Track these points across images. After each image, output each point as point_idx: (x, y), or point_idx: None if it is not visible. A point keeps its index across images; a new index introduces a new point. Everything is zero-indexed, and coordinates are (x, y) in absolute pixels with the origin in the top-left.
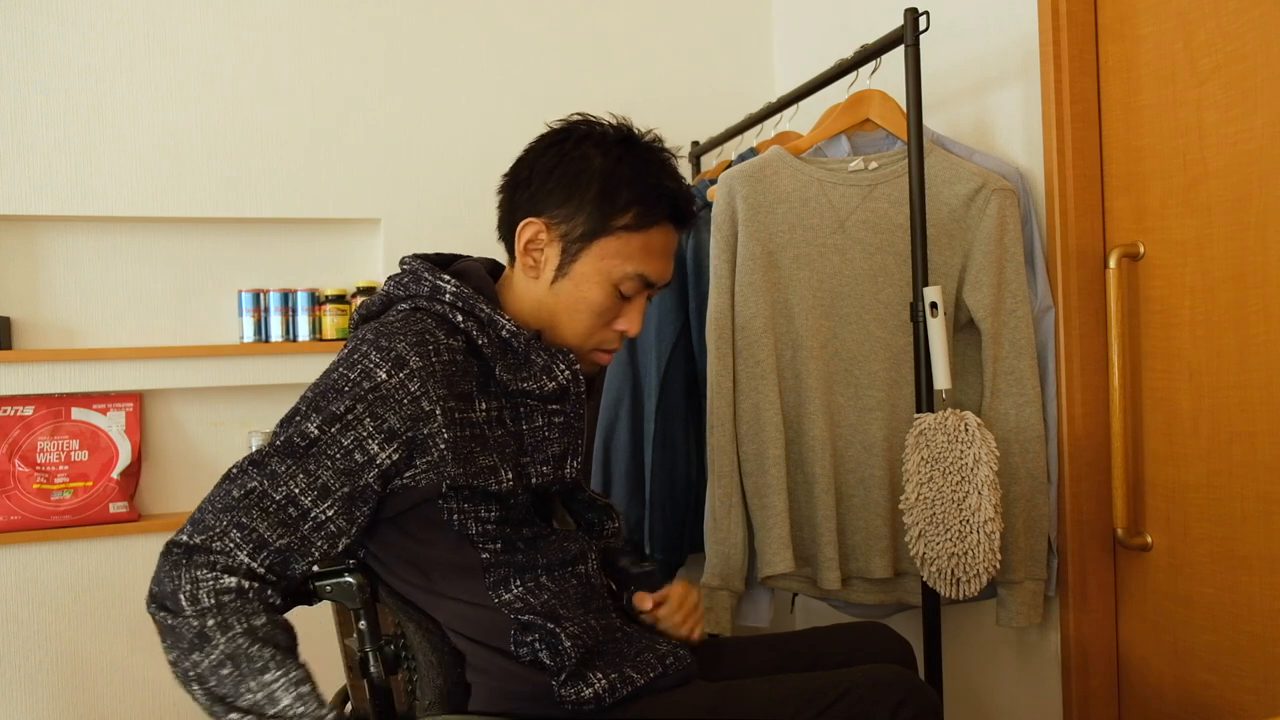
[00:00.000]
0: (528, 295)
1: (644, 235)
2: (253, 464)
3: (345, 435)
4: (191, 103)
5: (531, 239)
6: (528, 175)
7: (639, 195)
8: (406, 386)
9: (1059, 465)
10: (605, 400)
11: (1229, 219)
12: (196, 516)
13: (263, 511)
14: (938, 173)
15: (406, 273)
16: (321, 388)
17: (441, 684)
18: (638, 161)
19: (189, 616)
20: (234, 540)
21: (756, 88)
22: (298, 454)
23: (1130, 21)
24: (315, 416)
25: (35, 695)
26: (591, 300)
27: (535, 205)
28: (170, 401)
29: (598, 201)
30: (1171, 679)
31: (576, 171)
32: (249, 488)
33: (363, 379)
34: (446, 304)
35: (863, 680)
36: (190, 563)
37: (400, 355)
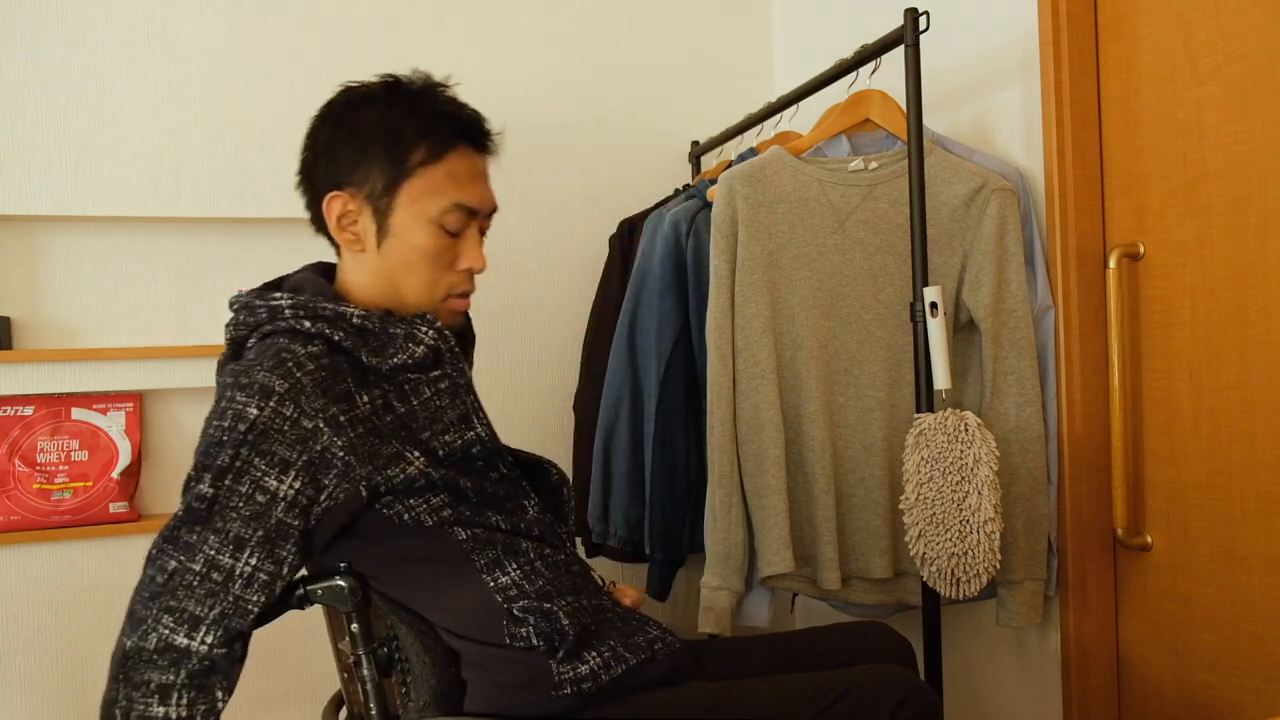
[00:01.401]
0: (362, 272)
1: (444, 164)
2: (166, 541)
3: (240, 483)
4: (191, 103)
5: (341, 213)
6: (312, 156)
7: (423, 128)
8: (281, 413)
9: (1059, 465)
10: (605, 400)
11: (1229, 219)
12: (130, 609)
13: (187, 589)
14: (938, 173)
15: (239, 309)
16: (203, 447)
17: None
18: (412, 99)
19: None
20: (167, 627)
21: (756, 88)
22: (201, 518)
23: (1130, 21)
24: (205, 476)
25: (35, 695)
26: (422, 247)
27: (331, 180)
28: (170, 401)
29: (386, 150)
30: (1171, 679)
31: (356, 131)
32: (170, 569)
33: (237, 423)
34: (288, 319)
35: (863, 680)
36: (126, 678)
37: (264, 385)
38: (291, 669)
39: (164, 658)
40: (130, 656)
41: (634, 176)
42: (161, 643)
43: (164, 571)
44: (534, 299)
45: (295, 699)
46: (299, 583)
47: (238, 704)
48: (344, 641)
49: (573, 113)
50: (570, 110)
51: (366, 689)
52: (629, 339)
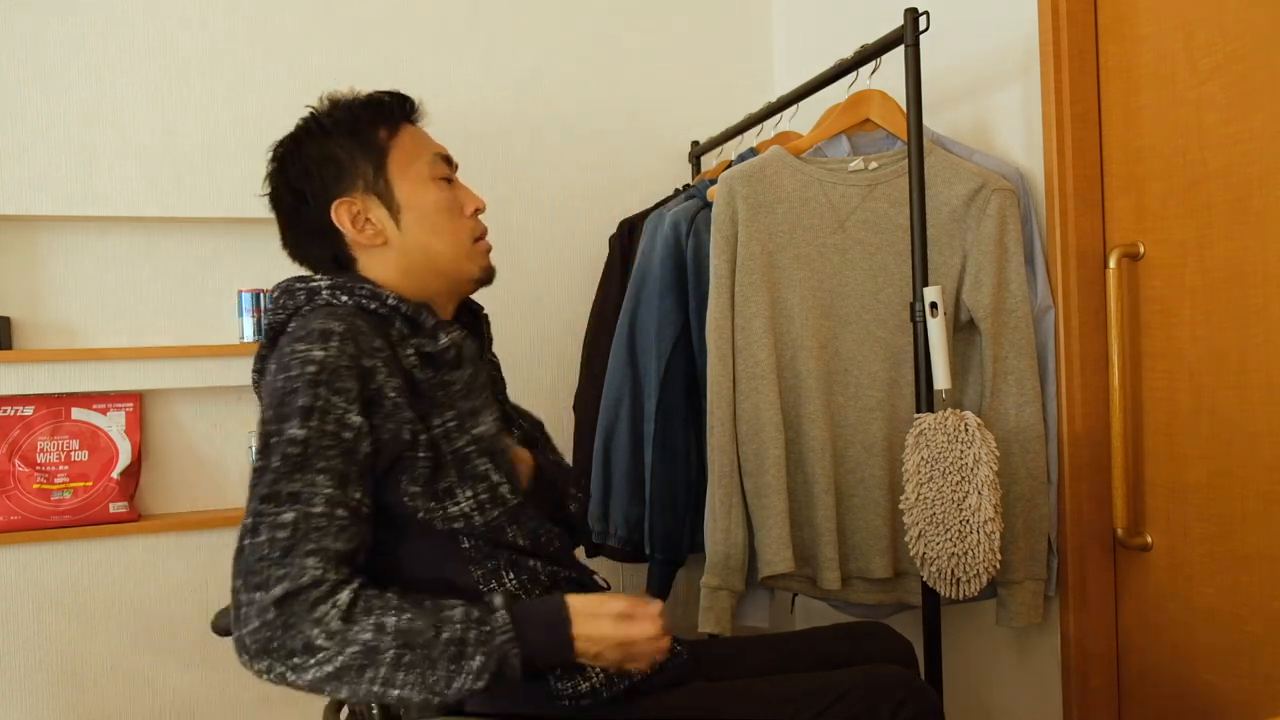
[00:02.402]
0: (387, 265)
1: (404, 133)
2: (265, 501)
3: (326, 422)
4: (191, 103)
5: (353, 216)
6: (292, 198)
7: (371, 116)
8: (344, 350)
9: (1059, 465)
10: (605, 400)
11: (1229, 219)
12: (257, 570)
13: (320, 531)
14: (938, 173)
15: (278, 294)
16: (274, 400)
17: None
18: (342, 107)
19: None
20: (315, 567)
21: (756, 88)
22: (298, 463)
23: (1130, 21)
24: (292, 421)
25: (35, 695)
26: (435, 202)
27: (326, 198)
28: (170, 401)
29: (356, 145)
30: (1171, 679)
31: (319, 152)
32: (289, 520)
33: (305, 366)
34: (325, 297)
35: (863, 680)
36: (296, 612)
37: (322, 330)
38: None
39: (319, 592)
40: (288, 598)
41: (634, 176)
42: (314, 582)
43: (283, 526)
44: (534, 299)
45: (295, 698)
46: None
47: (238, 704)
48: None
49: (573, 113)
50: (570, 110)
51: None
52: (629, 339)
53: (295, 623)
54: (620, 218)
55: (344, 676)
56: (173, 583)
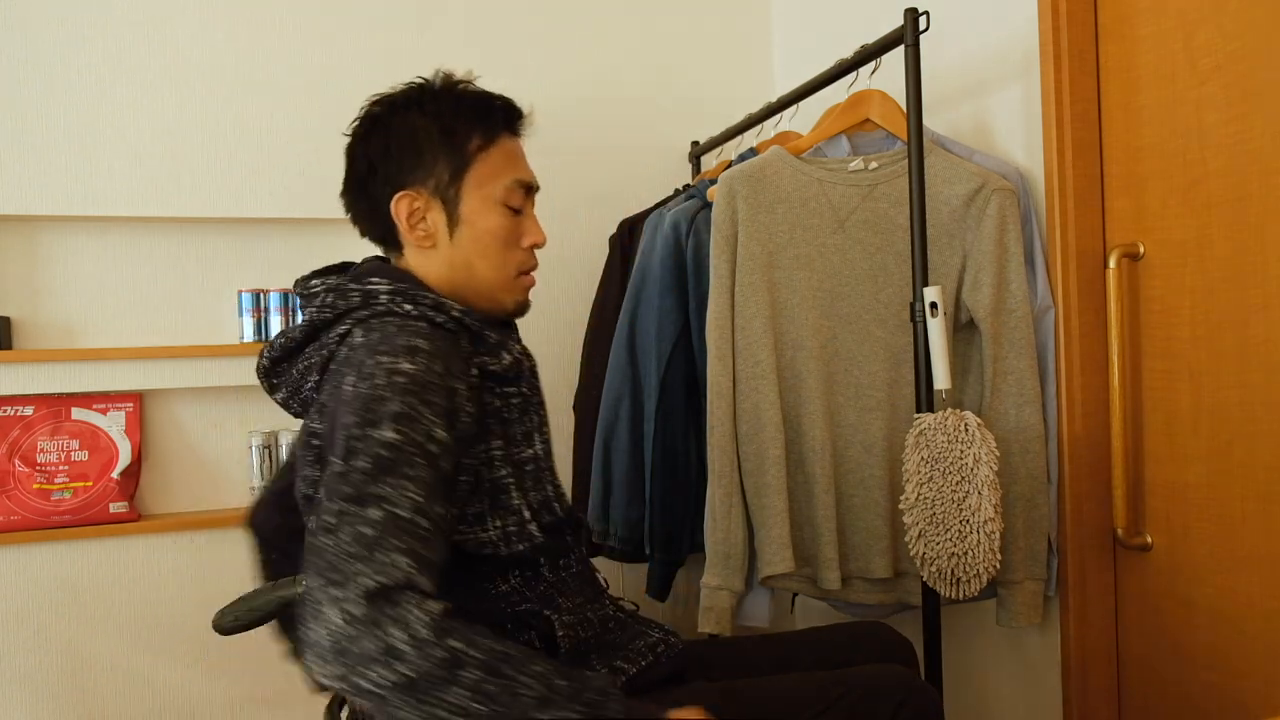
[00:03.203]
0: (432, 267)
1: (498, 148)
2: (351, 500)
3: (415, 431)
4: (191, 103)
5: (410, 212)
6: (366, 166)
7: (473, 119)
8: (432, 369)
9: (1059, 465)
10: (605, 400)
11: (1229, 219)
12: (339, 566)
13: (409, 533)
14: (938, 173)
15: (327, 292)
16: (360, 404)
17: None
18: (452, 97)
19: (418, 658)
20: (409, 566)
21: (756, 88)
22: (388, 466)
23: (1130, 21)
24: (383, 424)
25: (35, 695)
26: (494, 228)
27: (392, 184)
28: (170, 401)
29: (445, 144)
30: (1171, 679)
31: (409, 134)
32: (376, 518)
33: (394, 376)
34: (385, 304)
35: (863, 680)
36: (384, 611)
37: (408, 345)
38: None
39: (410, 595)
40: (376, 595)
41: (634, 176)
42: (404, 579)
43: (370, 523)
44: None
45: (296, 698)
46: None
47: (238, 703)
48: None
49: (573, 113)
50: (570, 110)
51: None
52: (629, 339)
53: (381, 622)
54: (620, 218)
55: (418, 689)
56: (173, 583)
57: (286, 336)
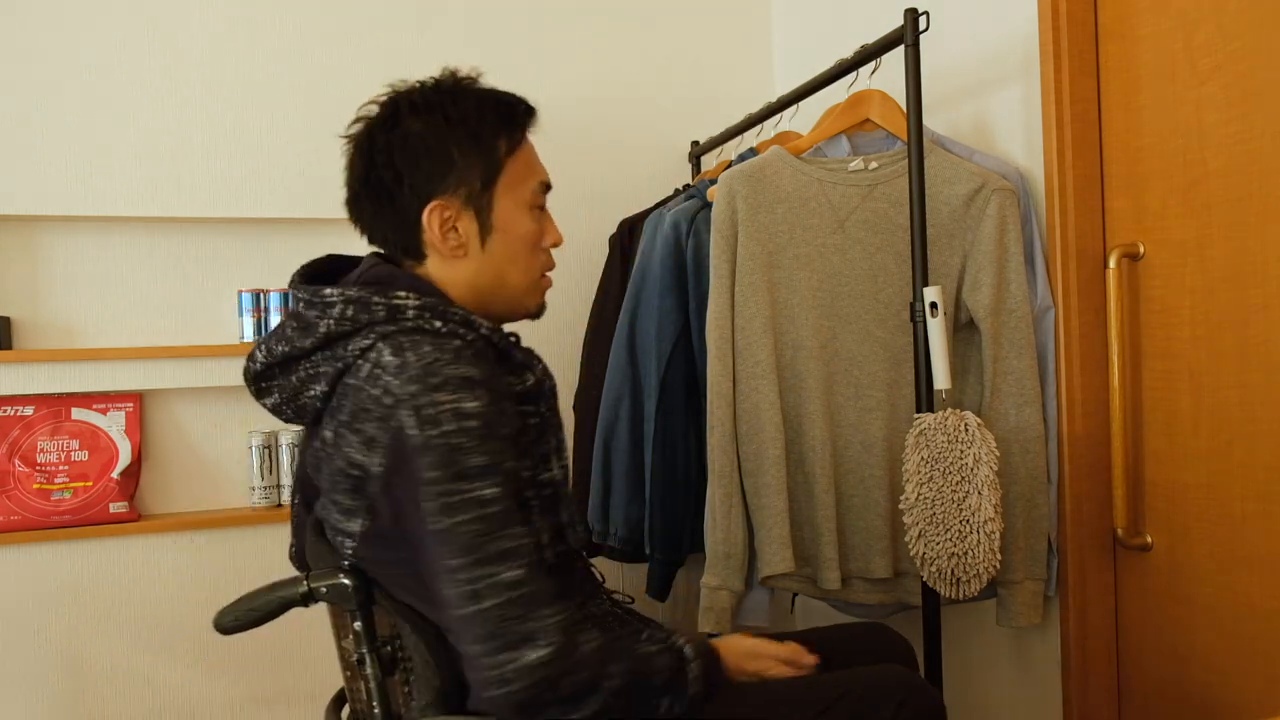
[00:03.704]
0: (460, 278)
1: (523, 151)
2: (481, 564)
3: (503, 473)
4: (191, 103)
5: (443, 221)
6: (392, 176)
7: (498, 121)
8: (492, 400)
9: (1059, 465)
10: (605, 400)
11: (1229, 219)
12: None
13: (542, 580)
14: (938, 173)
15: (348, 303)
16: (444, 460)
17: (439, 685)
18: (473, 98)
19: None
20: (557, 616)
21: (756, 88)
22: (502, 520)
23: (1130, 21)
24: (477, 482)
25: (35, 695)
26: (526, 234)
27: (423, 194)
28: (170, 401)
29: (474, 150)
30: (1171, 679)
31: (435, 139)
32: (512, 579)
33: (464, 421)
34: (411, 319)
35: (864, 681)
36: (561, 668)
37: (464, 377)
38: (293, 668)
39: (573, 638)
40: (554, 659)
41: (634, 176)
42: (564, 629)
43: (511, 585)
44: None
45: (296, 698)
46: (303, 579)
47: (238, 703)
48: (347, 640)
49: (573, 113)
50: (570, 110)
51: (370, 687)
52: (629, 339)
53: (559, 678)
54: (620, 218)
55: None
56: (173, 583)
57: (291, 345)
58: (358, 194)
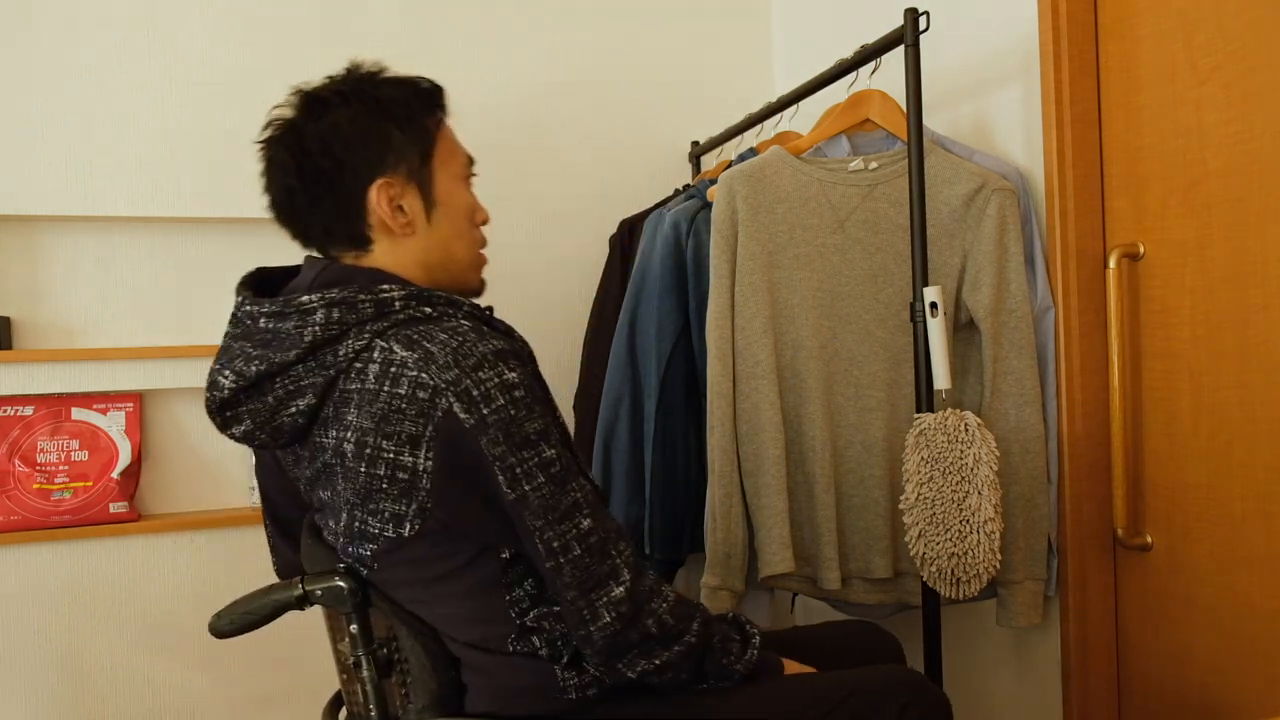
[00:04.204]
0: (408, 259)
1: (447, 126)
2: (563, 522)
3: (556, 433)
4: (191, 103)
5: (391, 198)
6: (331, 162)
7: (421, 101)
8: (524, 366)
9: (1059, 465)
10: (605, 400)
11: (1229, 219)
12: (587, 578)
13: (613, 524)
14: (938, 173)
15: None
16: (504, 433)
17: (435, 687)
18: (395, 81)
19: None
20: (630, 555)
21: (756, 88)
22: (564, 476)
23: (1130, 21)
24: (538, 445)
25: (35, 695)
26: (465, 205)
27: (365, 175)
28: (170, 401)
29: (408, 127)
30: (1171, 679)
31: (368, 123)
32: (587, 526)
33: (513, 391)
34: (398, 310)
35: (867, 681)
36: (639, 604)
37: (494, 350)
38: (293, 668)
39: (644, 569)
40: (631, 595)
41: (634, 176)
42: (635, 561)
43: (589, 533)
44: (534, 299)
45: (295, 698)
46: (299, 582)
47: (238, 703)
48: (343, 642)
49: (573, 113)
50: (571, 110)
51: (366, 690)
52: (629, 339)
53: (638, 614)
54: (620, 218)
55: (668, 669)
56: (173, 583)
57: (268, 361)
58: (292, 190)
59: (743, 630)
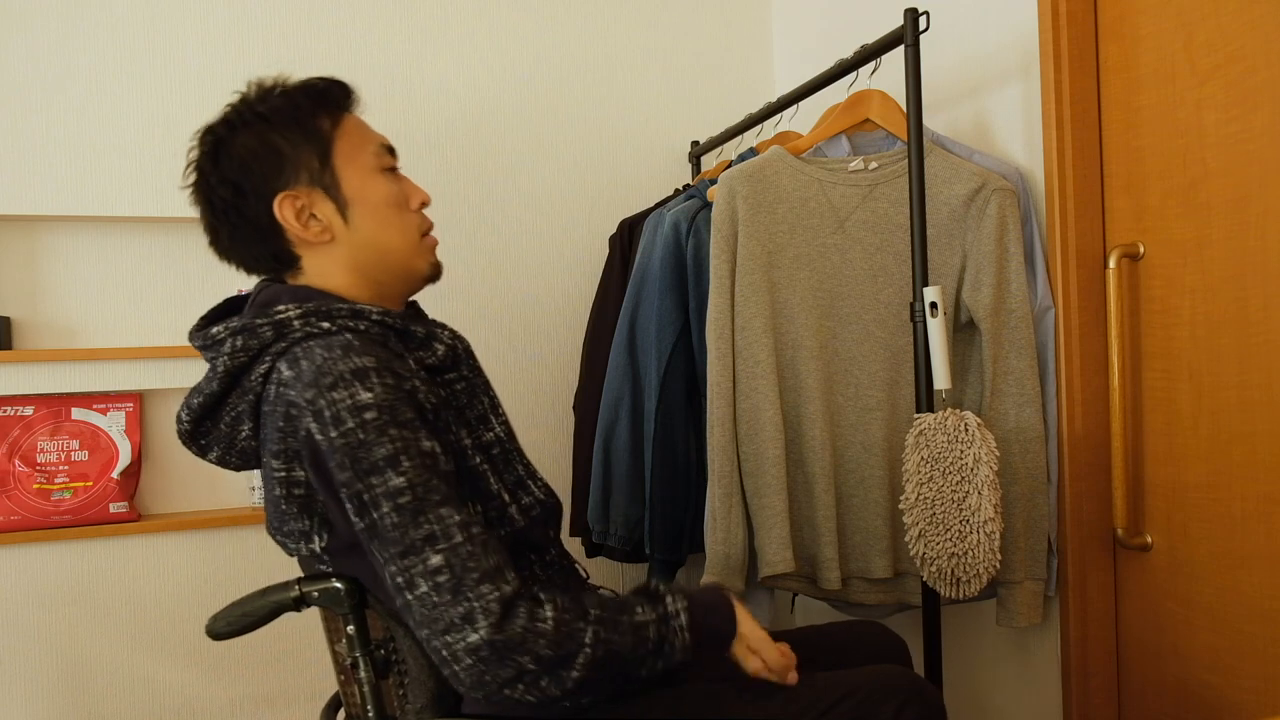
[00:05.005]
0: (336, 265)
1: (348, 121)
2: (406, 555)
3: (413, 457)
4: (191, 103)
5: (298, 211)
6: (230, 191)
7: (311, 103)
8: (387, 383)
9: (1059, 465)
10: (605, 400)
11: (1229, 219)
12: (436, 617)
13: (474, 558)
14: (938, 173)
15: (234, 334)
16: (349, 459)
17: (433, 687)
18: (281, 93)
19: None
20: (494, 590)
21: (756, 88)
22: (417, 507)
23: (1130, 21)
24: (383, 473)
25: (35, 695)
26: (384, 196)
27: (265, 194)
28: (170, 401)
29: (299, 133)
30: (1171, 679)
31: (258, 142)
32: (438, 565)
33: (363, 414)
34: (298, 329)
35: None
36: (504, 646)
37: (357, 369)
38: (290, 669)
39: (514, 612)
40: (494, 644)
41: (634, 176)
42: (503, 604)
43: (438, 571)
44: (534, 299)
45: (294, 699)
46: (295, 583)
47: (238, 703)
48: (341, 644)
49: (573, 112)
50: (570, 110)
51: (364, 691)
52: (629, 339)
53: (505, 655)
54: (620, 218)
55: (550, 705)
56: (173, 583)
57: (202, 394)
58: (214, 228)
59: (654, 599)
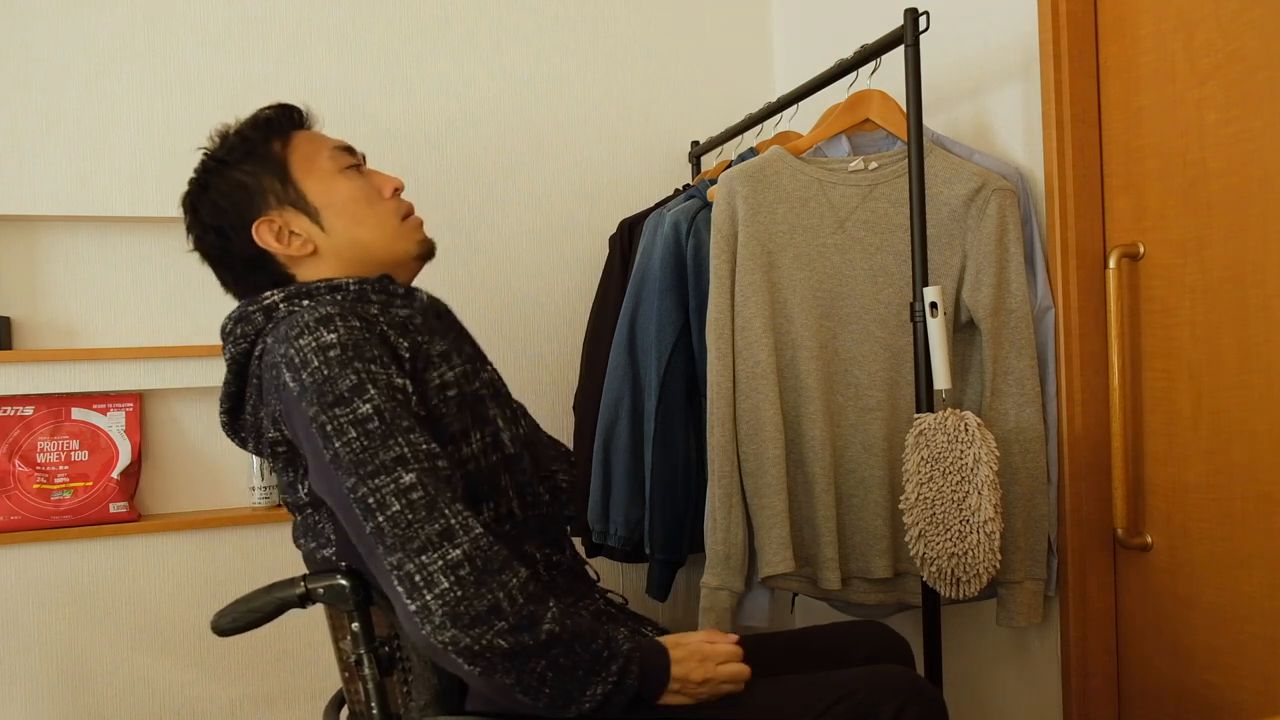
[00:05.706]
0: (328, 268)
1: (298, 138)
2: (372, 475)
3: (379, 387)
4: (191, 103)
5: (277, 232)
6: (216, 235)
7: (262, 135)
8: (351, 325)
9: (1059, 465)
10: (605, 400)
11: (1229, 219)
12: (411, 535)
13: (445, 480)
14: (938, 173)
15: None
16: (316, 394)
17: (436, 684)
18: (234, 135)
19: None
20: (464, 514)
21: (756, 88)
22: (385, 431)
23: (1130, 21)
24: (349, 402)
25: (35, 695)
26: (350, 193)
27: (244, 224)
28: (170, 401)
29: (255, 163)
30: (1171, 679)
31: (226, 181)
32: (410, 480)
33: (327, 351)
34: (284, 310)
35: (866, 680)
36: (485, 569)
37: (319, 317)
38: (292, 668)
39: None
40: (471, 556)
41: (634, 176)
42: (482, 525)
43: (411, 488)
44: (534, 298)
45: (296, 698)
46: (300, 580)
47: (238, 703)
48: (345, 641)
49: (572, 113)
50: (570, 110)
51: (368, 688)
52: (629, 339)
53: (486, 579)
54: (620, 218)
55: (515, 659)
56: (173, 583)
57: (225, 386)
58: (220, 278)
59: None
